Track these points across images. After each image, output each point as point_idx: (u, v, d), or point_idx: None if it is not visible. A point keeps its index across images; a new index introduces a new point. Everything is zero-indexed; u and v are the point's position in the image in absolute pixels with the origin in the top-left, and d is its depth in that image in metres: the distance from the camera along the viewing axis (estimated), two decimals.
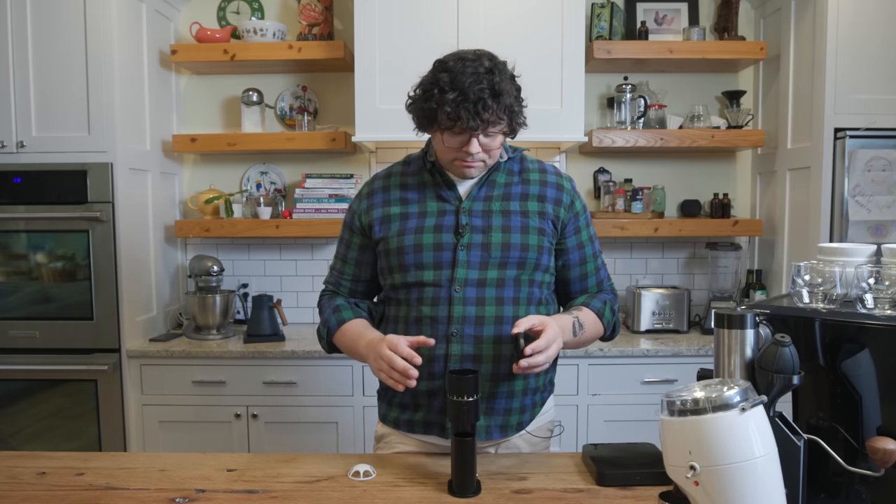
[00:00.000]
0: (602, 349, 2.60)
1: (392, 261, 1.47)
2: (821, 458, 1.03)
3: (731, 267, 2.98)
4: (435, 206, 1.48)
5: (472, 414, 1.23)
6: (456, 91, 1.31)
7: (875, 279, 1.09)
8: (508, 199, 1.48)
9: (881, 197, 2.51)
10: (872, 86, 2.51)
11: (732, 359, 1.06)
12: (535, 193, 1.49)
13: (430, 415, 1.47)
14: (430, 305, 1.43)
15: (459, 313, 1.41)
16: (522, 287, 1.45)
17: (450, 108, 1.31)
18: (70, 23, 2.53)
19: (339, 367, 2.62)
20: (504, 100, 1.33)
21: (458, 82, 1.31)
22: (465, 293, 1.42)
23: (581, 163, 3.15)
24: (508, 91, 1.35)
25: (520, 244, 1.44)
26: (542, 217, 1.47)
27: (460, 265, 1.42)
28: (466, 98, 1.30)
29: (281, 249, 3.18)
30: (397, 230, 1.47)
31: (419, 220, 1.47)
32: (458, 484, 1.24)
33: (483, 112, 1.31)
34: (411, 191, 1.51)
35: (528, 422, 1.50)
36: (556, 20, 2.68)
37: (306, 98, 3.11)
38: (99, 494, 1.25)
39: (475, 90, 1.30)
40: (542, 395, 1.54)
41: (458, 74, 1.32)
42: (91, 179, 2.57)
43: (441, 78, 1.33)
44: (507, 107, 1.35)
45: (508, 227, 1.45)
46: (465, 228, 1.44)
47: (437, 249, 1.43)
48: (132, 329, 2.68)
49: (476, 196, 1.47)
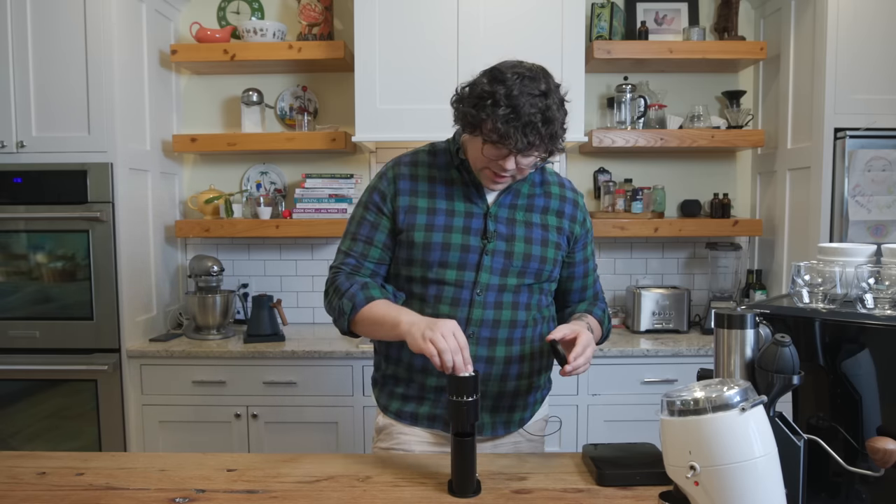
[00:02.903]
0: (602, 349, 2.60)
1: (415, 254, 1.46)
2: (821, 458, 1.03)
3: (731, 267, 2.98)
4: (463, 207, 1.48)
5: (472, 414, 1.23)
6: (510, 109, 1.28)
7: (875, 279, 1.09)
8: (531, 211, 1.51)
9: (881, 197, 2.51)
10: (872, 86, 2.51)
11: (732, 359, 1.06)
12: (555, 208, 1.54)
13: (436, 409, 1.50)
14: (450, 305, 1.45)
15: (478, 316, 1.45)
16: (534, 294, 1.51)
17: (500, 124, 1.29)
18: (70, 23, 2.53)
19: (340, 367, 2.62)
20: (553, 127, 1.32)
21: (514, 100, 1.29)
22: (486, 297, 1.45)
23: (581, 163, 3.15)
24: (558, 119, 1.34)
25: (539, 256, 1.49)
26: (559, 232, 1.53)
27: (484, 269, 1.45)
28: (518, 118, 1.28)
29: (281, 249, 3.18)
30: (424, 224, 1.46)
31: (447, 218, 1.46)
32: (458, 484, 1.24)
33: (531, 135, 1.30)
34: (439, 185, 1.49)
35: (530, 418, 1.57)
36: (556, 20, 2.68)
37: (306, 98, 3.11)
38: (99, 494, 1.25)
39: (529, 113, 1.28)
40: (542, 393, 1.61)
41: (515, 92, 1.29)
42: (91, 179, 2.57)
43: (497, 90, 1.30)
44: (552, 134, 1.33)
45: (531, 238, 1.49)
46: (493, 235, 1.46)
47: (463, 251, 1.44)
48: (132, 329, 2.68)
49: (502, 203, 1.49)
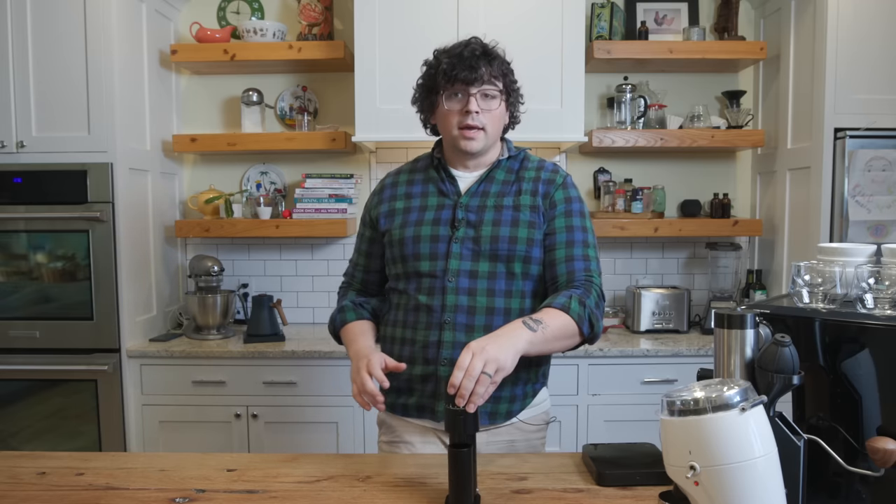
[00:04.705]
0: (602, 349, 2.60)
1: (394, 251, 1.56)
2: (821, 458, 1.03)
3: (731, 267, 2.98)
4: (435, 201, 1.57)
5: (470, 424, 1.17)
6: (451, 56, 1.48)
7: (875, 279, 1.09)
8: (504, 195, 1.54)
9: (881, 197, 2.51)
10: (872, 86, 2.51)
11: (732, 359, 1.06)
12: (529, 189, 1.55)
13: (422, 399, 1.53)
14: (427, 295, 1.51)
15: (452, 302, 1.49)
16: (516, 280, 1.51)
17: (446, 66, 1.46)
18: (70, 23, 2.53)
19: (339, 367, 2.62)
20: (497, 63, 1.49)
21: (453, 50, 1.49)
22: (458, 283, 1.49)
23: (581, 163, 3.15)
24: (501, 59, 1.51)
25: (508, 237, 1.49)
26: (533, 210, 1.52)
27: (453, 257, 1.49)
28: (461, 57, 1.46)
29: (281, 249, 3.18)
30: (400, 223, 1.57)
31: (420, 213, 1.56)
32: (455, 499, 1.15)
33: (477, 66, 1.45)
34: (416, 185, 1.61)
35: (519, 411, 1.55)
36: (556, 20, 2.68)
37: (306, 98, 3.11)
38: (99, 494, 1.25)
39: (468, 51, 1.47)
40: (533, 387, 1.58)
41: (452, 47, 1.50)
42: (91, 179, 2.57)
43: (436, 54, 1.52)
44: (502, 72, 1.50)
45: (499, 220, 1.51)
46: (461, 223, 1.52)
47: (433, 241, 1.52)
48: (132, 329, 2.68)
49: (475, 192, 1.55)
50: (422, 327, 1.51)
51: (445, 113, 1.51)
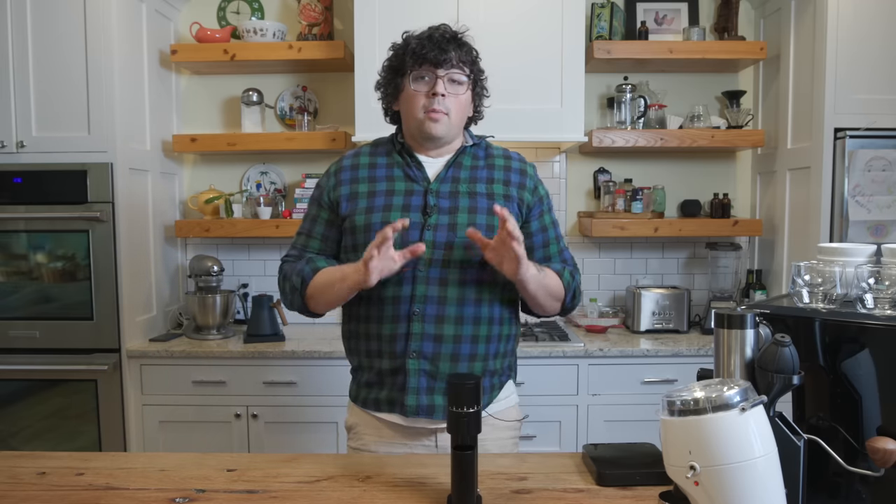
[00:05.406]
0: (602, 349, 2.60)
1: (358, 237, 1.49)
2: (821, 458, 1.03)
3: (731, 267, 2.98)
4: (403, 186, 1.51)
5: (473, 426, 1.16)
6: (420, 38, 1.47)
7: (875, 279, 1.09)
8: (475, 182, 1.52)
9: (881, 197, 2.51)
10: (872, 86, 2.51)
11: (732, 359, 1.06)
12: (500, 178, 1.54)
13: (392, 392, 1.50)
14: (394, 284, 1.45)
15: (422, 292, 1.45)
16: (487, 269, 1.46)
17: (415, 45, 1.46)
18: (70, 23, 2.53)
19: (339, 367, 2.61)
20: (465, 49, 1.50)
21: (423, 34, 1.49)
22: (429, 273, 1.45)
23: (581, 163, 3.15)
24: (470, 47, 1.52)
25: (485, 225, 1.47)
26: (507, 199, 1.51)
27: (426, 245, 1.42)
28: (431, 39, 1.46)
29: (281, 249, 3.17)
30: (364, 207, 1.50)
31: (387, 198, 1.49)
32: (458, 499, 1.17)
33: (447, 49, 1.45)
34: (379, 169, 1.54)
35: (486, 405, 1.52)
36: (556, 20, 2.68)
37: (306, 98, 3.11)
38: (99, 494, 1.25)
39: (437, 34, 1.47)
40: (500, 379, 1.56)
41: (422, 31, 1.50)
42: (91, 179, 2.57)
43: (405, 37, 1.52)
44: (470, 59, 1.50)
45: (476, 208, 1.48)
46: (433, 209, 1.47)
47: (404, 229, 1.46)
48: (132, 329, 2.68)
49: (444, 178, 1.51)
50: (388, 320, 1.46)
51: (412, 94, 1.47)
